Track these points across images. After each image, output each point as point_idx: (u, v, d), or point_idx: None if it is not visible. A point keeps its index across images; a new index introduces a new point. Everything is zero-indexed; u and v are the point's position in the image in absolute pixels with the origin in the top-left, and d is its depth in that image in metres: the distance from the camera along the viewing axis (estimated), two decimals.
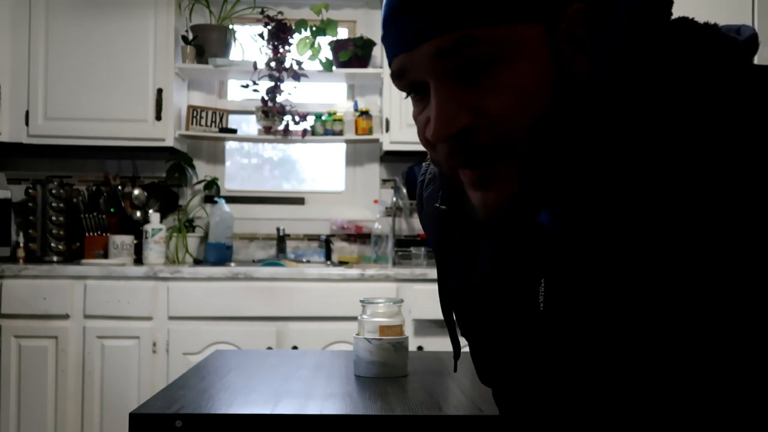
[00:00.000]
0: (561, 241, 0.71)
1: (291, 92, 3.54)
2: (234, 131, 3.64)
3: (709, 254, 0.63)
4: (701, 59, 0.66)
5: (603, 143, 0.67)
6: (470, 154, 0.67)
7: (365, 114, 3.58)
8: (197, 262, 3.57)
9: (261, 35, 3.50)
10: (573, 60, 0.66)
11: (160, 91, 3.36)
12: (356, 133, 3.57)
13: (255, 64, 3.48)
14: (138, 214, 3.55)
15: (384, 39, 0.71)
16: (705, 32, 0.69)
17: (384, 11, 0.70)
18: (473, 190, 0.70)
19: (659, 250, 0.65)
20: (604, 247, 0.68)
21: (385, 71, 3.43)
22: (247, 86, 3.52)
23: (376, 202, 3.66)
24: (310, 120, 3.60)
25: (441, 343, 2.98)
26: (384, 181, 3.76)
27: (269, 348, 3.00)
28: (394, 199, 3.60)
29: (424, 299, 3.05)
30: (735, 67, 0.65)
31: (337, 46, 3.54)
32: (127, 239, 3.42)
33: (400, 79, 0.71)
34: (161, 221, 3.48)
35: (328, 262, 3.60)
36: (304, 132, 3.56)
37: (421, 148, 3.35)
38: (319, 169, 3.96)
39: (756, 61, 0.70)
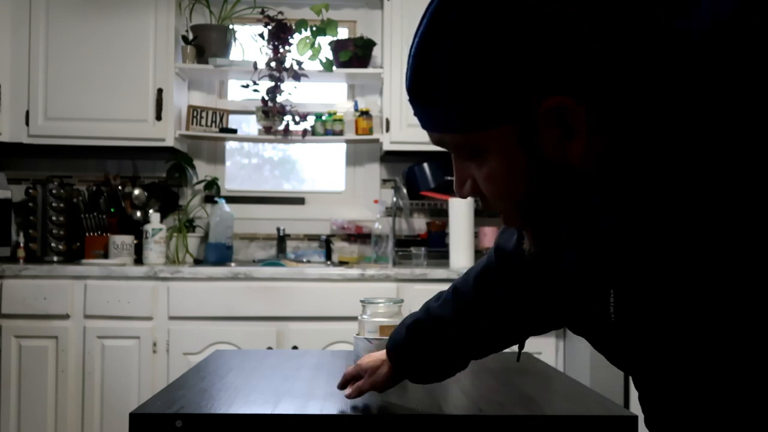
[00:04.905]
0: (624, 250, 0.73)
1: (291, 92, 3.53)
2: (234, 131, 3.64)
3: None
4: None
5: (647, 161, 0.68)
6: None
7: (365, 114, 3.58)
8: (197, 262, 3.57)
9: (261, 35, 3.50)
10: (561, 143, 0.69)
11: (160, 91, 3.36)
12: (356, 133, 3.57)
13: (255, 64, 3.48)
14: (138, 214, 3.55)
15: None
16: None
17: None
18: None
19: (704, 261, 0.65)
20: (635, 258, 0.70)
21: (385, 71, 3.42)
22: (247, 86, 3.51)
23: (376, 202, 3.66)
24: (311, 120, 3.60)
25: None
26: (384, 181, 3.76)
27: (269, 348, 3.00)
28: (395, 199, 3.60)
29: (424, 299, 3.02)
30: None
31: (337, 46, 3.54)
32: (128, 239, 3.42)
33: (440, 146, 0.81)
34: (161, 221, 3.48)
35: (328, 262, 3.60)
36: (304, 132, 3.56)
37: (420, 147, 3.33)
38: (319, 169, 3.96)
39: None
